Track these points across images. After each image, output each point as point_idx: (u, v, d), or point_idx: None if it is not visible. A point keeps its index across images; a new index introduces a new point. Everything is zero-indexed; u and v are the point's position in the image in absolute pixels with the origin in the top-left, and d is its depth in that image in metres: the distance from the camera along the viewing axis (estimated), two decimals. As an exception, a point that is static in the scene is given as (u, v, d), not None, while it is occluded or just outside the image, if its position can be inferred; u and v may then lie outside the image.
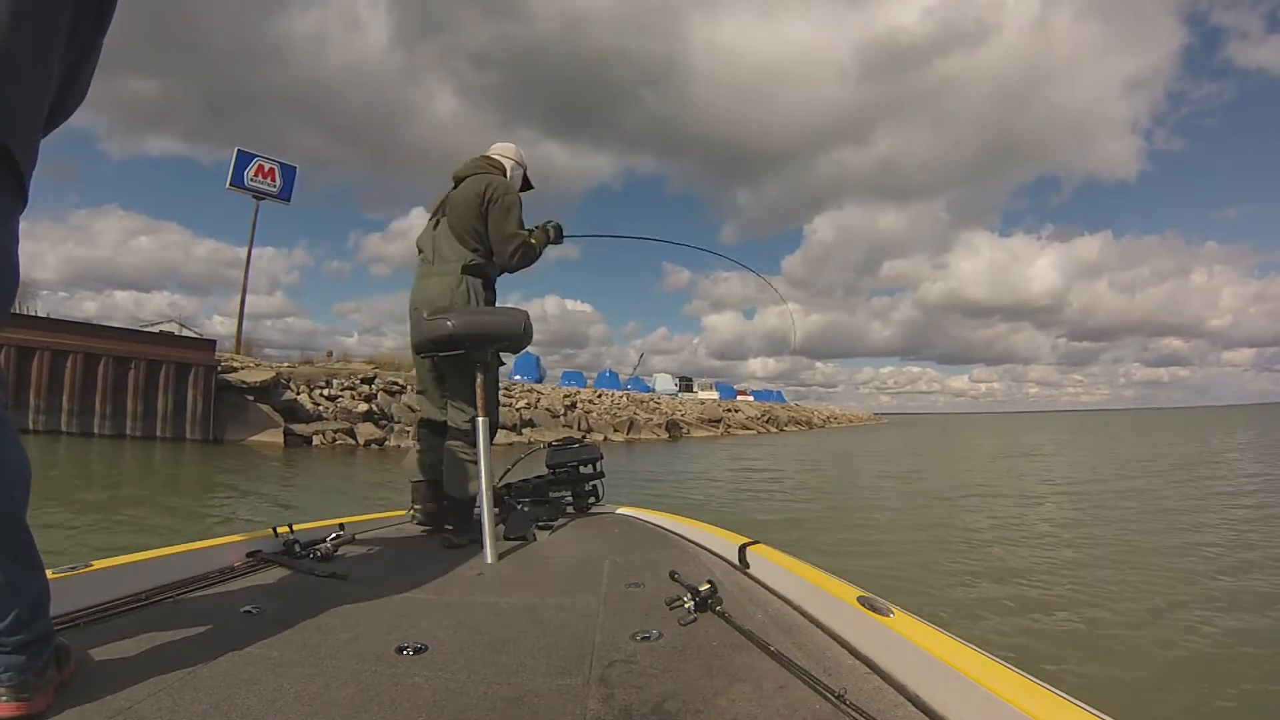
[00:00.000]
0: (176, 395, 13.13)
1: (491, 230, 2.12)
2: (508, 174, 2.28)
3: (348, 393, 16.25)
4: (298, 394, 15.34)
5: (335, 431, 14.75)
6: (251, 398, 14.26)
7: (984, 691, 0.78)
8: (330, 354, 20.45)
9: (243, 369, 14.99)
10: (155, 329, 17.81)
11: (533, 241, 2.18)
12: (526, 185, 2.39)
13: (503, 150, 2.35)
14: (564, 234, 2.33)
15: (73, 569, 1.25)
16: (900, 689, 0.92)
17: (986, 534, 6.58)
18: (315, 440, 14.30)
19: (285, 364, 17.23)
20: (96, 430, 12.55)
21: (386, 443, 15.23)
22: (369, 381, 16.94)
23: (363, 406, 15.70)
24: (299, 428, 14.37)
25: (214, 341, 15.12)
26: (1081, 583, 4.68)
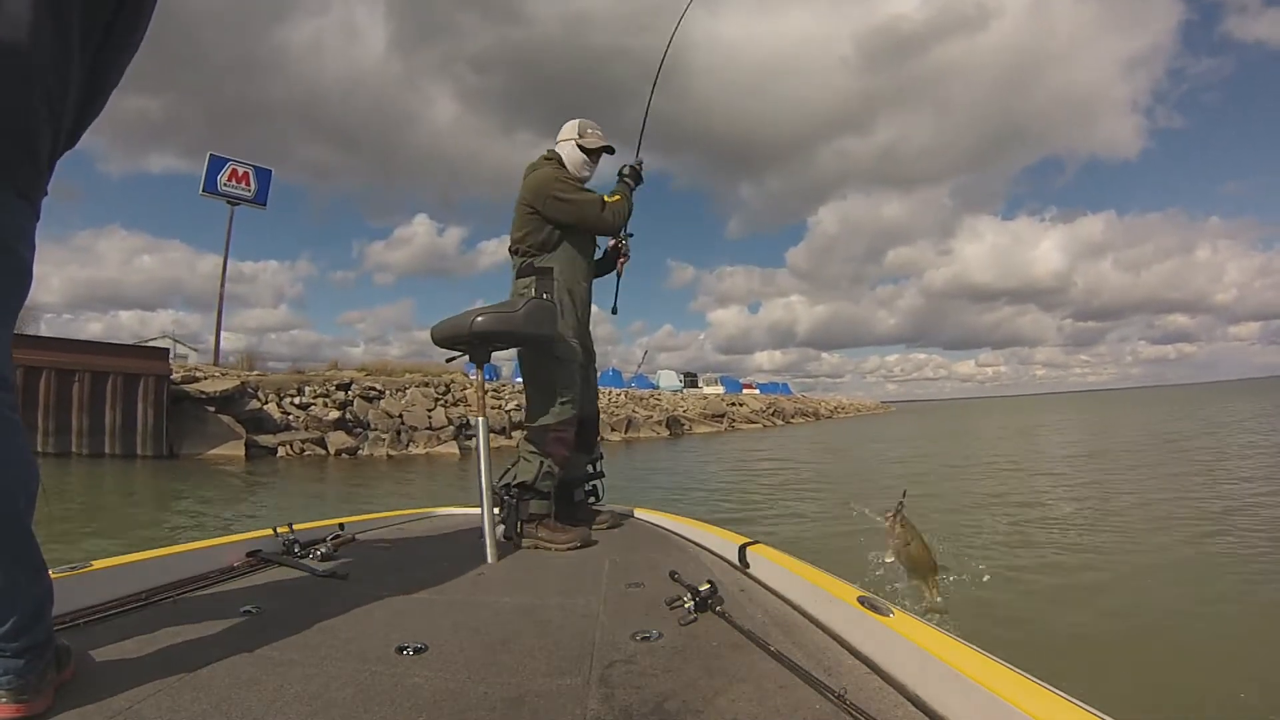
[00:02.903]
0: (125, 408, 12.12)
1: (575, 220, 2.16)
2: (566, 160, 2.24)
3: (320, 400, 15.21)
4: (265, 403, 14.32)
5: (304, 442, 13.72)
6: (212, 408, 13.25)
7: (984, 691, 0.77)
8: (335, 363, 19.58)
9: (205, 379, 13.97)
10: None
11: (612, 200, 2.22)
12: (605, 152, 2.31)
13: (561, 134, 2.29)
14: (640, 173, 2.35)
15: (73, 569, 1.25)
16: (900, 689, 0.91)
17: (1009, 520, 5.83)
18: (280, 451, 13.30)
19: (255, 372, 16.21)
20: (40, 449, 11.54)
21: (360, 452, 14.21)
22: (344, 388, 15.91)
23: (334, 414, 14.66)
24: (264, 439, 13.36)
25: (166, 350, 14.13)
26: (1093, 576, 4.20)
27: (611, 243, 2.41)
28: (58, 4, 0.81)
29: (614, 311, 2.47)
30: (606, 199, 2.19)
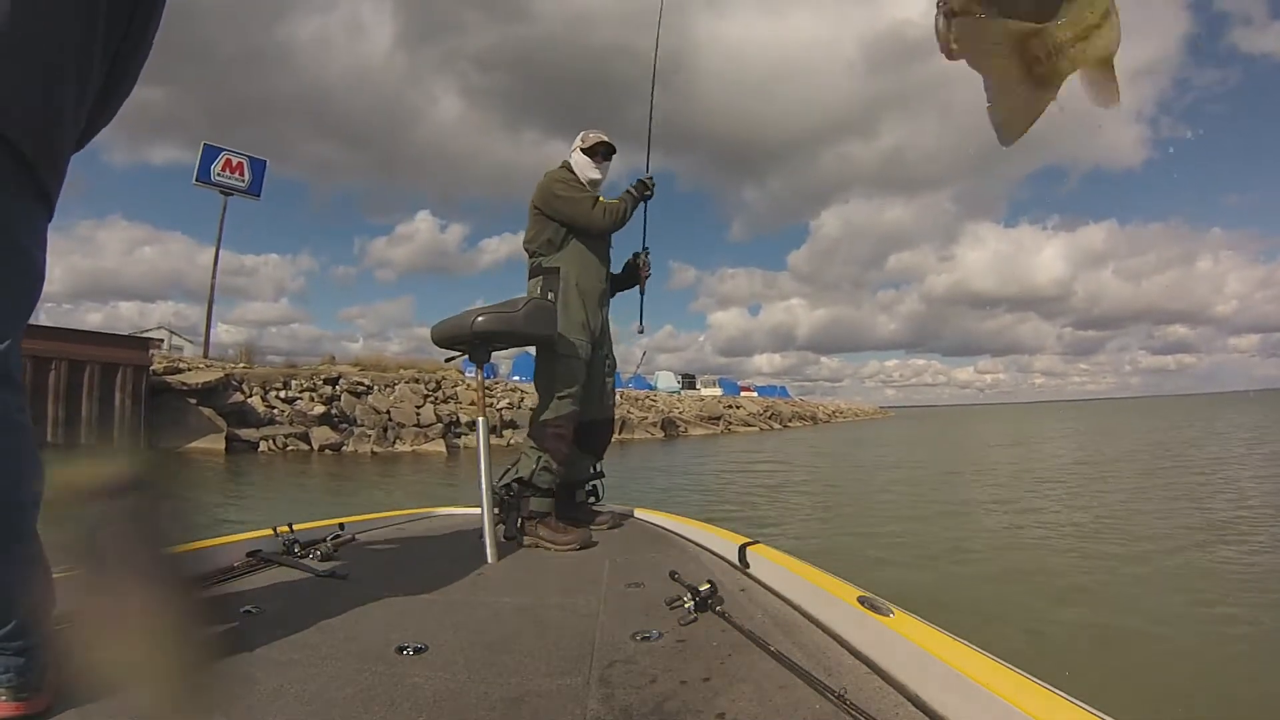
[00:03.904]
0: (102, 398, 11.80)
1: (569, 215, 2.22)
2: (575, 165, 2.34)
3: (306, 394, 14.91)
4: (249, 396, 14.02)
5: (287, 436, 13.43)
6: (194, 401, 12.95)
7: (984, 692, 0.77)
8: (332, 358, 19.34)
9: (188, 370, 13.68)
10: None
11: (608, 202, 2.27)
12: (610, 155, 2.38)
13: (571, 147, 2.41)
14: (648, 188, 2.37)
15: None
16: (900, 689, 0.91)
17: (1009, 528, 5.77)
18: (262, 446, 13.00)
19: (242, 364, 15.92)
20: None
21: (344, 448, 13.93)
22: (332, 383, 15.61)
23: (319, 409, 14.37)
24: (245, 432, 13.06)
25: (147, 340, 13.83)
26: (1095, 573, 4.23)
27: (631, 258, 2.48)
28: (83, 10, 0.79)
29: (640, 331, 2.48)
30: (602, 199, 2.28)
